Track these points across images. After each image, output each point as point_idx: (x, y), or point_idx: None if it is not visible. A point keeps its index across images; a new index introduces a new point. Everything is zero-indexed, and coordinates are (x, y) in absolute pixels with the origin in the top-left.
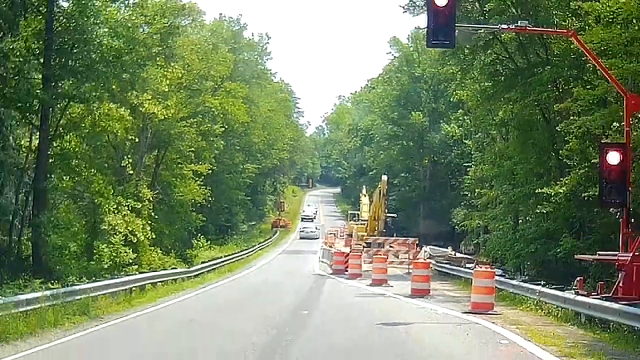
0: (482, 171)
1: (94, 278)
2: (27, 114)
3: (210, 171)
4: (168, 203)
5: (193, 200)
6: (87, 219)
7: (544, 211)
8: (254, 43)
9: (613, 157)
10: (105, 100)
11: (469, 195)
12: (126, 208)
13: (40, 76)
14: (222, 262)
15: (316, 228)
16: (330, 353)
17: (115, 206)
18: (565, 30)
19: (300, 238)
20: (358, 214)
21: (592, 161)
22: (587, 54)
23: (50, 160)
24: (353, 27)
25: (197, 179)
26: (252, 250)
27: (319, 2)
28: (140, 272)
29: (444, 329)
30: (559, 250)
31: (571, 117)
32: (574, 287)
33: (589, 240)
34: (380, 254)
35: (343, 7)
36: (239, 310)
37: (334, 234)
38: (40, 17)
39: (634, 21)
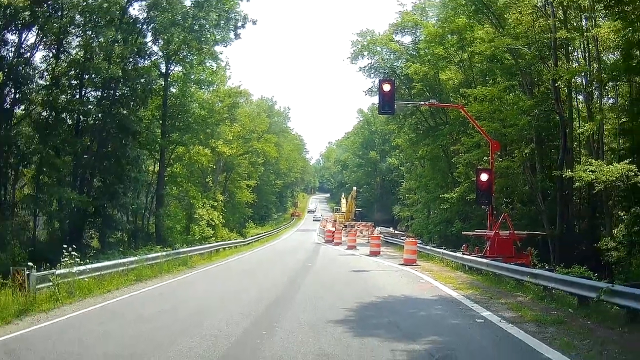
0: (410, 185)
1: (190, 245)
2: (152, 152)
3: (256, 185)
4: (232, 202)
5: (246, 201)
6: (186, 212)
7: (445, 207)
8: (281, 112)
9: (483, 177)
10: (196, 144)
11: (402, 198)
12: (208, 205)
13: (159, 131)
14: (262, 236)
15: (321, 216)
16: (324, 285)
17: (202, 204)
18: (457, 105)
19: (313, 220)
20: (339, 209)
21: (472, 179)
22: (469, 119)
23: (165, 178)
24: (338, 101)
25: (248, 189)
26: (279, 230)
27: (319, 86)
28: (216, 242)
29: (388, 273)
30: (453, 229)
31: (460, 154)
32: (461, 250)
33: (470, 223)
34: (352, 231)
35: (334, 90)
36: (272, 264)
37: (326, 220)
38: (160, 97)
39: (495, 100)
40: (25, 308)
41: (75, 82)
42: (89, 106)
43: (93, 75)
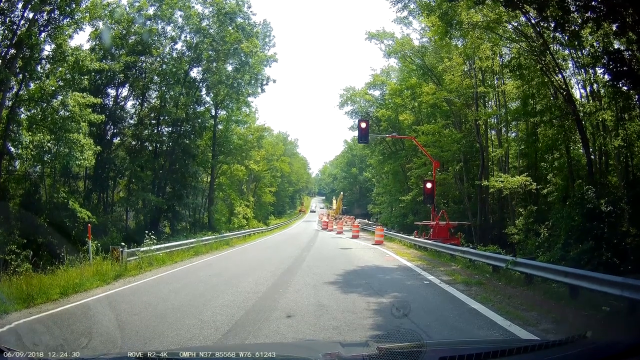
0: (378, 190)
1: (231, 231)
2: (206, 169)
3: (275, 190)
4: (259, 202)
5: (269, 202)
6: (229, 209)
7: (402, 205)
8: (292, 142)
9: (428, 185)
10: (235, 164)
11: (373, 199)
12: (243, 204)
13: (210, 154)
14: (279, 225)
15: (320, 210)
16: (321, 258)
17: (239, 204)
18: (410, 137)
19: (318, 211)
20: (331, 207)
21: (420, 187)
22: (419, 146)
23: (215, 186)
24: (331, 133)
25: (270, 193)
26: (291, 221)
27: (318, 122)
28: (249, 229)
29: (364, 250)
30: (407, 220)
31: (412, 170)
32: (414, 234)
33: (420, 216)
34: (340, 222)
35: (328, 125)
36: (286, 244)
37: (322, 214)
38: (211, 132)
39: (436, 133)
40: (120, 273)
41: (154, 121)
42: (163, 138)
43: (166, 117)
